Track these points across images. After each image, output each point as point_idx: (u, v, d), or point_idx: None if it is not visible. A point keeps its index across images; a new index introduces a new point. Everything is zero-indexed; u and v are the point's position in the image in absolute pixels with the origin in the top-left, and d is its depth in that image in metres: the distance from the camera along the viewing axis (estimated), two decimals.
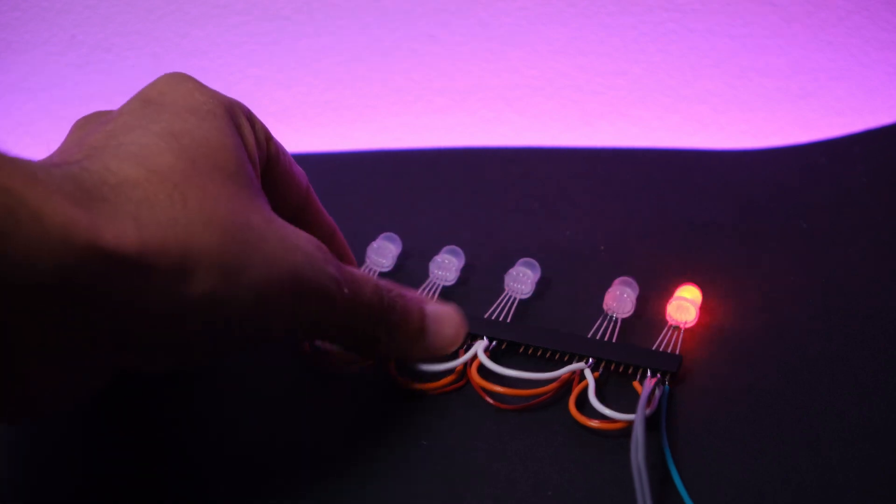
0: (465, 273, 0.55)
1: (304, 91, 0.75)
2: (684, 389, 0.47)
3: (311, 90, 0.75)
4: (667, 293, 0.51)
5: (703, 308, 0.51)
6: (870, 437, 0.44)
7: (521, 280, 0.52)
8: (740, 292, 0.53)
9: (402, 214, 0.54)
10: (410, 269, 0.55)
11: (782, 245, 0.57)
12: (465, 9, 0.73)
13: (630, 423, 0.43)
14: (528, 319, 0.52)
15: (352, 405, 0.47)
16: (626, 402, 0.45)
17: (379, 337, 0.43)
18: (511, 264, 0.53)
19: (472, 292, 0.53)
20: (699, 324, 0.50)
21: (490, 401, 0.46)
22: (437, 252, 0.54)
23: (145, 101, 0.40)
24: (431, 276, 0.52)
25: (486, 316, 0.50)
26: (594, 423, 0.45)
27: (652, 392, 0.45)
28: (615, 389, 0.47)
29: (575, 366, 0.47)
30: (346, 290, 0.41)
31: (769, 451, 0.44)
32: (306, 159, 0.67)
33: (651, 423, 0.44)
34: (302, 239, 0.40)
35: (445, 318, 0.46)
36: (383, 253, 0.54)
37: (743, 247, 0.57)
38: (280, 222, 0.39)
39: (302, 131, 0.75)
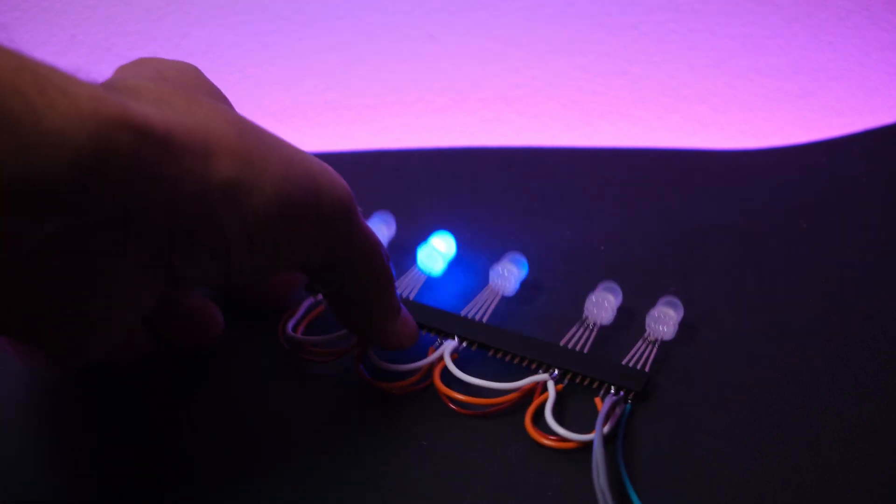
0: (463, 271, 0.55)
1: (304, 91, 0.75)
2: (684, 389, 0.47)
3: (311, 90, 0.75)
4: (656, 299, 0.51)
5: (702, 307, 0.51)
6: (870, 437, 0.44)
7: (507, 277, 0.51)
8: (740, 292, 0.53)
9: (402, 214, 0.55)
10: (407, 269, 0.55)
11: (782, 245, 0.57)
12: (465, 9, 0.73)
13: (582, 444, 0.44)
14: (510, 318, 0.51)
15: (352, 405, 0.47)
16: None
17: (381, 293, 0.44)
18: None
19: (464, 290, 0.53)
20: (694, 325, 0.50)
21: (451, 406, 0.46)
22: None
23: (123, 69, 0.41)
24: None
25: (463, 311, 0.50)
26: (547, 441, 0.44)
27: (610, 411, 0.45)
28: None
29: (537, 377, 0.46)
30: (360, 214, 0.42)
31: (769, 451, 0.44)
32: None
33: (618, 440, 0.44)
34: (314, 156, 0.40)
35: (409, 317, 0.48)
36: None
37: (743, 247, 0.57)
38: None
39: (302, 131, 0.75)
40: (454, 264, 0.54)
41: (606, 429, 0.44)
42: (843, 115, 0.71)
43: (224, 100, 0.42)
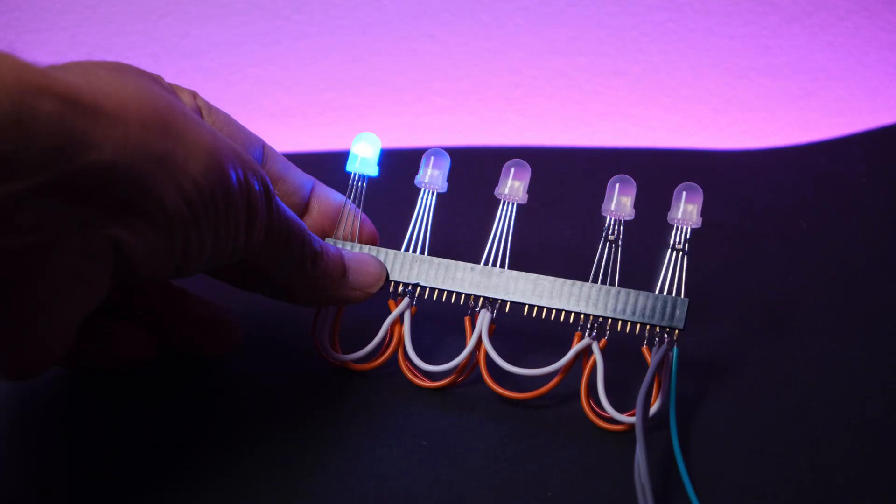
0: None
1: (304, 91, 0.75)
2: (683, 389, 0.47)
3: (311, 90, 0.75)
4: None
5: (701, 307, 0.51)
6: (870, 436, 0.44)
7: (514, 190, 0.50)
8: (740, 292, 0.53)
9: (402, 214, 0.54)
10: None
11: (782, 245, 0.57)
12: (465, 9, 0.73)
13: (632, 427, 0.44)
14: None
15: (352, 406, 0.47)
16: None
17: (304, 265, 0.44)
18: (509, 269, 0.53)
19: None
20: (693, 325, 0.50)
21: (503, 393, 0.46)
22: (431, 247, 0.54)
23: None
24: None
25: (483, 260, 0.48)
26: (609, 426, 0.45)
27: (654, 376, 0.44)
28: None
29: (579, 345, 0.46)
30: (281, 195, 0.43)
31: (769, 451, 0.44)
32: (306, 159, 0.67)
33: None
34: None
35: (366, 258, 0.48)
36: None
37: (743, 247, 0.57)
38: None
39: (302, 131, 0.75)
40: None
41: (654, 409, 0.44)
42: (843, 115, 0.71)
43: (157, 79, 0.42)
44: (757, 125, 0.72)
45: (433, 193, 0.51)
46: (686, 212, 0.48)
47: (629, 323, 0.45)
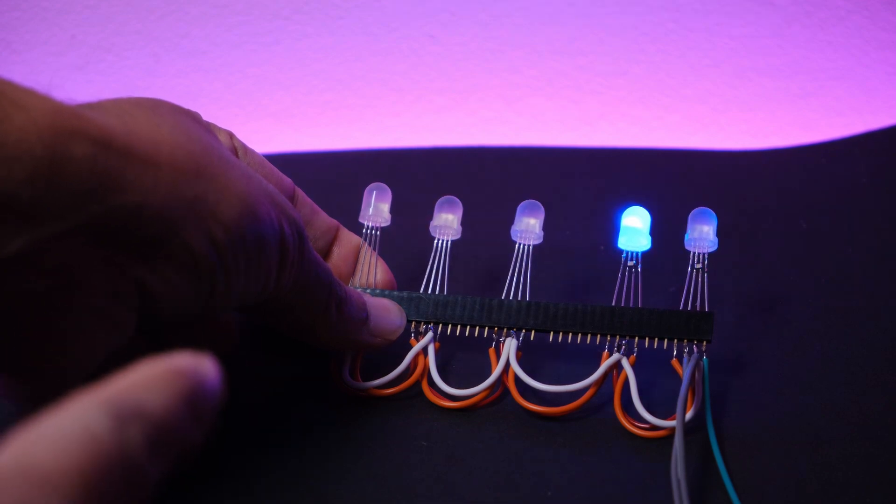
0: (469, 270, 0.55)
1: (304, 91, 0.75)
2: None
3: (311, 90, 0.75)
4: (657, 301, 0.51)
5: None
6: (870, 435, 0.44)
7: (528, 231, 0.50)
8: (740, 293, 0.53)
9: (402, 214, 0.55)
10: (411, 269, 0.55)
11: (782, 245, 0.57)
12: (465, 9, 0.73)
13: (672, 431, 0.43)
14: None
15: (352, 407, 0.47)
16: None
17: (330, 309, 0.44)
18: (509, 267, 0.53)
19: (475, 286, 0.53)
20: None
21: (527, 405, 0.46)
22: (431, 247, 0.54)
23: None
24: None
25: (504, 293, 0.49)
26: (642, 432, 0.45)
27: (691, 381, 0.44)
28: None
29: (609, 361, 0.46)
30: (309, 239, 0.42)
31: (770, 450, 0.44)
32: (306, 159, 0.67)
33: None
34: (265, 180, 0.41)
35: (387, 305, 0.48)
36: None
37: (743, 247, 0.57)
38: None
39: (302, 131, 0.75)
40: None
41: (689, 415, 0.44)
42: (843, 115, 0.71)
43: (195, 118, 0.41)
44: (757, 125, 0.72)
45: (448, 240, 0.51)
46: (703, 233, 0.48)
47: (656, 339, 0.46)
